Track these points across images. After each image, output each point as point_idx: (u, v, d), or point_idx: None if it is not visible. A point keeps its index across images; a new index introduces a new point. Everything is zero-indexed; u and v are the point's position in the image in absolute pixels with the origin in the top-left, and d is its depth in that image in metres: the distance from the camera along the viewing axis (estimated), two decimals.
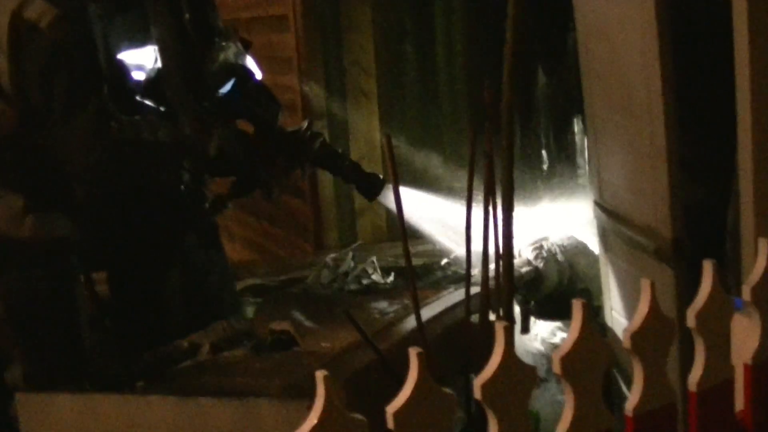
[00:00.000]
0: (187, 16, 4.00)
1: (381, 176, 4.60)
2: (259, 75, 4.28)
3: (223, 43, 4.09)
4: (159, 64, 3.94)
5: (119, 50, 3.89)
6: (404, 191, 4.22)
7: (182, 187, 4.12)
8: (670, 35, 3.42)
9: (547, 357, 4.62)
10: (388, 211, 5.29)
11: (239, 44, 4.19)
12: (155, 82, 3.94)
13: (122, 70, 3.90)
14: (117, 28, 3.87)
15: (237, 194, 4.44)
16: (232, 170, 4.30)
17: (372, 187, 4.56)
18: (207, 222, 4.32)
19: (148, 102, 3.93)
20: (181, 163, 4.04)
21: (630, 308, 4.10)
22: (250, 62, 4.24)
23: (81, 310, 3.86)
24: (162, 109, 3.94)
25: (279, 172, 4.33)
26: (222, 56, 4.09)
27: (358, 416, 1.68)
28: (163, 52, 3.93)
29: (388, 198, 4.59)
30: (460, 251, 4.90)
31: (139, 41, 3.93)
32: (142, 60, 3.92)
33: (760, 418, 2.23)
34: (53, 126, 3.60)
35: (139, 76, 3.93)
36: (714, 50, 3.50)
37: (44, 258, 3.75)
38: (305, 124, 4.45)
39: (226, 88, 4.10)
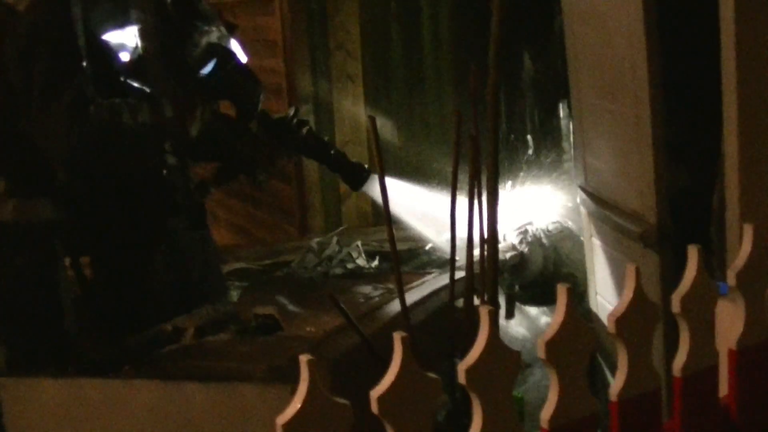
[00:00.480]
0: None
1: (366, 166, 4.59)
2: (244, 59, 4.26)
3: (206, 27, 4.07)
4: (140, 46, 3.92)
5: (102, 32, 3.87)
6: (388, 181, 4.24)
7: (165, 170, 4.09)
8: (656, 20, 3.42)
9: (531, 342, 4.63)
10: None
11: (223, 28, 4.17)
12: (139, 64, 3.91)
13: (106, 51, 3.87)
14: (98, 10, 3.84)
15: (220, 180, 4.42)
16: (215, 155, 4.29)
17: (357, 177, 4.55)
18: (194, 204, 4.30)
19: (134, 83, 3.90)
20: (162, 145, 4.02)
21: (615, 293, 4.10)
22: (235, 46, 4.22)
23: (64, 294, 3.84)
24: (148, 90, 3.92)
25: (265, 159, 4.32)
26: (205, 40, 4.07)
27: (342, 400, 1.67)
28: (144, 34, 3.91)
29: (372, 189, 4.58)
30: (444, 236, 4.90)
31: (119, 23, 3.90)
32: (123, 40, 3.90)
33: (744, 403, 2.23)
34: (33, 109, 3.58)
35: (124, 57, 3.90)
36: (700, 35, 3.49)
37: (27, 242, 3.74)
38: (292, 111, 4.43)
39: (208, 68, 4.07)
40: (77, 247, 4.05)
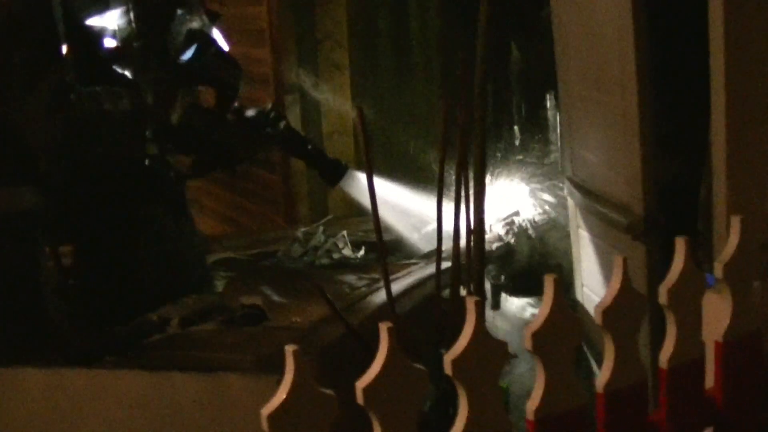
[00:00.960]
0: None
1: (344, 163, 4.60)
2: (225, 48, 4.24)
3: (188, 16, 4.05)
4: (120, 32, 3.89)
5: (82, 18, 3.84)
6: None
7: (147, 158, 4.06)
8: (644, 10, 3.41)
9: (518, 333, 4.62)
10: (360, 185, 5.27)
11: (205, 17, 4.15)
12: (120, 50, 3.89)
13: (87, 38, 3.85)
14: None
15: (197, 172, 4.41)
16: (194, 146, 4.26)
17: (334, 173, 4.57)
18: (174, 191, 4.28)
19: (116, 70, 3.88)
20: (144, 132, 3.99)
21: (601, 284, 4.10)
22: (217, 35, 4.20)
23: (45, 283, 3.81)
24: (130, 76, 3.89)
25: (241, 152, 4.31)
26: (185, 28, 4.05)
27: (328, 391, 1.66)
28: (125, 21, 3.88)
29: (349, 185, 4.59)
30: (424, 231, 4.91)
31: (100, 9, 3.88)
32: (104, 27, 3.87)
33: (730, 395, 2.23)
34: (13, 98, 3.56)
35: (106, 43, 3.88)
36: (689, 26, 3.49)
37: (8, 231, 3.71)
38: (269, 105, 4.43)
39: (188, 54, 4.05)
40: (59, 235, 4.03)
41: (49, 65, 3.61)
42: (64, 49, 3.71)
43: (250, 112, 4.37)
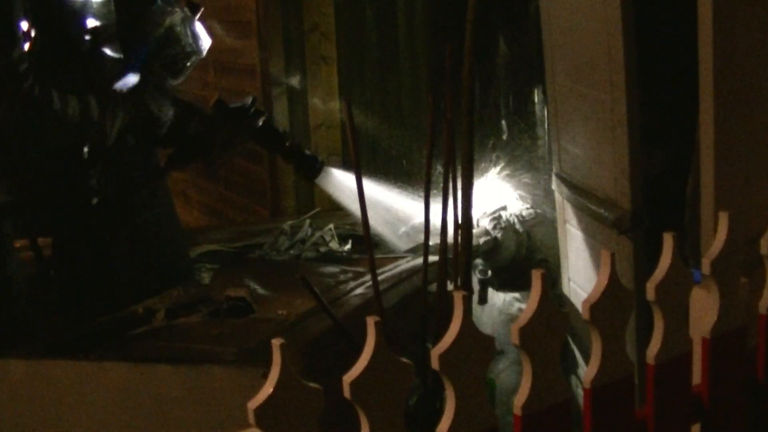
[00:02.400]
0: None
1: (320, 158, 4.59)
2: (207, 41, 4.20)
3: (169, 8, 4.01)
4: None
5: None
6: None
7: (124, 149, 4.01)
8: (632, 4, 3.41)
9: (504, 327, 4.62)
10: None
11: (186, 9, 4.11)
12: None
13: (68, 17, 3.77)
14: None
15: (174, 165, 4.38)
16: (170, 139, 4.22)
17: (311, 168, 4.54)
18: (154, 181, 4.24)
19: (107, 51, 3.81)
20: (113, 123, 3.92)
21: (588, 279, 4.10)
22: (199, 28, 4.16)
23: (15, 276, 3.78)
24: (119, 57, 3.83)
25: (219, 146, 4.28)
26: (168, 21, 4.00)
27: (314, 385, 1.66)
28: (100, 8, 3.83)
29: (325, 181, 4.57)
30: (405, 228, 4.89)
31: None
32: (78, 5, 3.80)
33: (717, 391, 2.23)
34: None
35: (92, 23, 3.81)
36: (676, 20, 3.49)
37: None
38: (249, 100, 4.39)
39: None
40: (35, 227, 4.00)
41: (9, 53, 3.51)
42: (24, 26, 3.59)
43: (230, 106, 4.34)
